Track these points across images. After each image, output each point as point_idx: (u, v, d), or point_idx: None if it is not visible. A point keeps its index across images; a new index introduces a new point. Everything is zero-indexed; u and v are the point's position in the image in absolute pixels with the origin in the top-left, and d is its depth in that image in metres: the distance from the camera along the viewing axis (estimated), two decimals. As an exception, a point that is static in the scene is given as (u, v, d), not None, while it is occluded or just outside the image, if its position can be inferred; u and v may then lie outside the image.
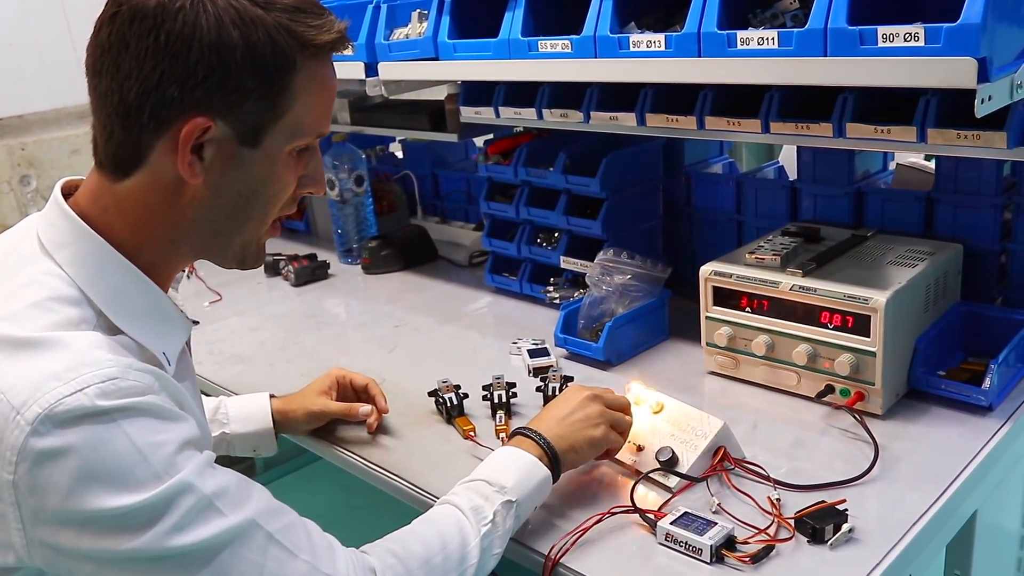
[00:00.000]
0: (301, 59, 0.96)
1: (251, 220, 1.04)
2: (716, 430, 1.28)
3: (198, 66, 0.91)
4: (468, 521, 1.09)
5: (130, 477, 0.85)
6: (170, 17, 0.90)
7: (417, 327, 1.99)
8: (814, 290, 1.42)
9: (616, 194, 1.87)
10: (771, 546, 1.11)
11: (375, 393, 1.53)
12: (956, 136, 1.28)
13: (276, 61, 0.94)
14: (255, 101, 0.95)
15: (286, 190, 1.05)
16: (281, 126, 0.98)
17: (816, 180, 1.80)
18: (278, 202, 1.05)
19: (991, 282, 1.61)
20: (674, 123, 1.57)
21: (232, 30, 0.91)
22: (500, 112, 1.87)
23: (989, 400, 1.37)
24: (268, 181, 1.02)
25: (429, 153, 2.68)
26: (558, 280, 2.00)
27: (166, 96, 0.92)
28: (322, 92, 1.01)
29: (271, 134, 0.98)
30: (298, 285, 2.34)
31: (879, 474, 1.26)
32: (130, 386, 0.87)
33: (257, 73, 0.93)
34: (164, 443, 0.88)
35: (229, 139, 0.96)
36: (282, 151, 1.01)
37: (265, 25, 0.93)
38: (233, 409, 1.50)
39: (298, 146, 1.02)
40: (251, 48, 0.92)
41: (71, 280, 0.95)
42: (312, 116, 1.01)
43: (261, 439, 1.50)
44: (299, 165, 1.04)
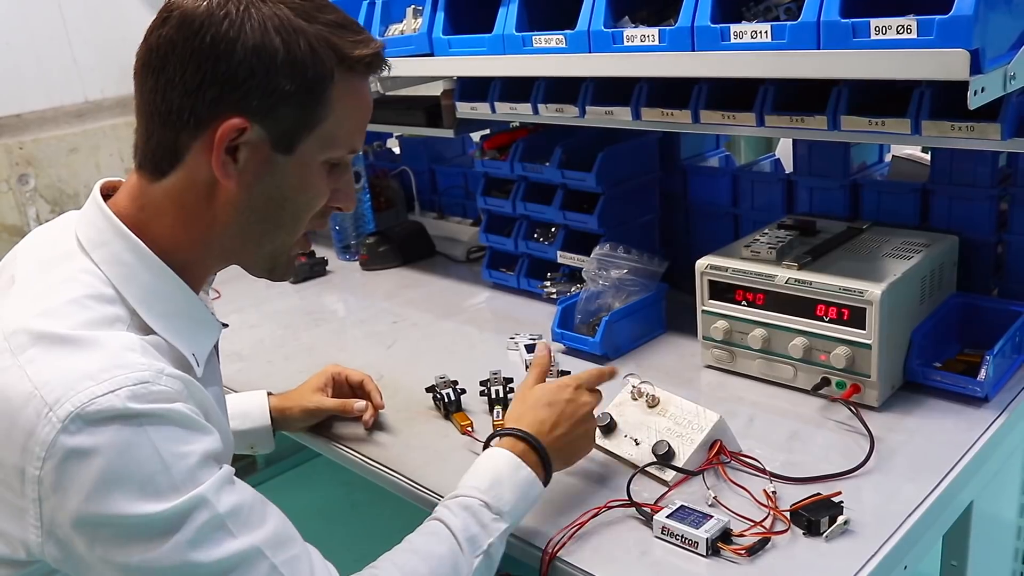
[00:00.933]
0: (339, 71, 0.98)
1: (282, 227, 1.06)
2: (712, 424, 1.29)
3: (239, 68, 0.94)
4: (462, 551, 1.06)
5: (150, 485, 0.86)
6: (216, 21, 0.93)
7: (415, 323, 1.99)
8: (810, 283, 1.43)
9: (612, 188, 1.87)
10: (767, 538, 1.12)
11: (370, 389, 1.54)
12: (950, 128, 1.28)
13: (315, 70, 0.96)
14: (291, 107, 0.97)
15: (318, 200, 1.06)
16: (315, 135, 1.00)
17: (812, 173, 1.80)
18: (309, 211, 1.06)
19: (987, 273, 1.62)
20: (669, 117, 1.57)
21: (275, 36, 0.94)
22: (496, 107, 1.87)
23: (985, 391, 1.37)
24: (300, 188, 1.03)
25: (426, 149, 2.68)
26: (555, 275, 2.01)
27: (207, 97, 0.94)
28: (357, 107, 1.03)
29: (305, 142, 1.00)
30: (296, 282, 2.34)
31: (875, 466, 1.26)
32: (161, 391, 0.88)
33: (295, 79, 0.96)
34: (187, 454, 0.88)
35: (264, 143, 0.98)
36: (315, 160, 1.02)
37: (306, 35, 0.96)
38: (230, 406, 1.48)
39: (331, 158, 1.04)
40: (291, 55, 0.95)
41: (107, 279, 0.97)
42: (345, 129, 1.03)
43: (258, 436, 1.51)
44: (331, 178, 1.06)
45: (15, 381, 0.86)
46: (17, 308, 0.93)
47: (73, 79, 2.83)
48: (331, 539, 2.82)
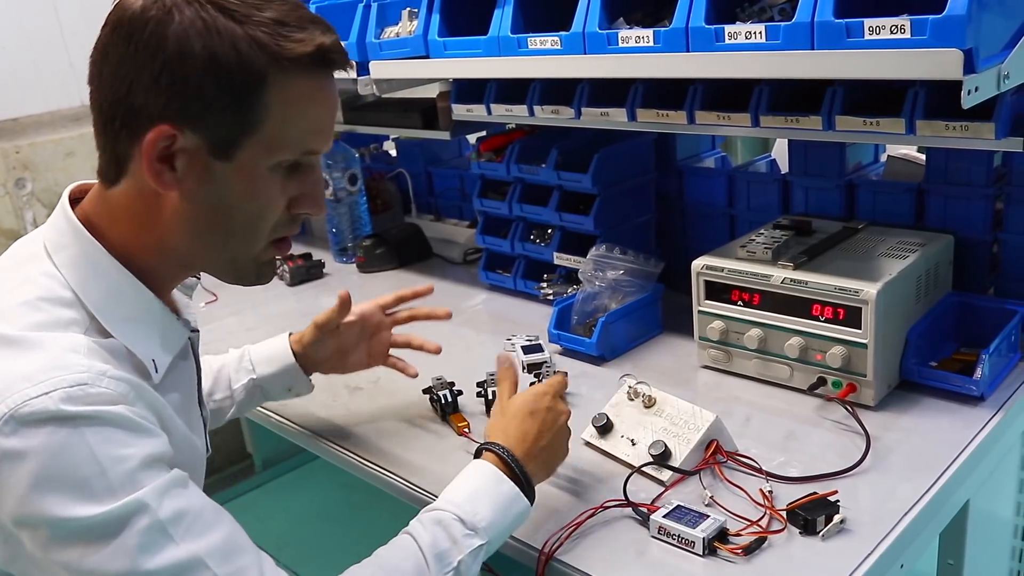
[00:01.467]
0: (272, 73, 0.94)
1: (235, 236, 1.02)
2: (708, 423, 1.29)
3: (161, 75, 0.91)
4: (428, 570, 1.02)
5: (86, 488, 0.85)
6: (141, 26, 0.91)
7: (412, 325, 1.98)
8: (805, 283, 1.43)
9: (608, 189, 1.87)
10: (763, 538, 1.12)
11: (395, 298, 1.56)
12: (944, 128, 1.28)
13: (242, 73, 0.92)
14: (221, 113, 0.93)
15: (270, 208, 1.02)
16: (255, 141, 0.96)
17: (807, 173, 1.80)
18: (263, 219, 1.02)
19: (982, 272, 1.62)
20: (665, 118, 1.58)
21: (196, 42, 0.91)
22: (492, 109, 1.87)
23: (981, 390, 1.38)
24: (247, 196, 1.00)
25: (422, 151, 2.68)
26: (551, 276, 2.01)
27: (134, 104, 0.93)
28: (305, 107, 0.99)
29: (245, 148, 0.96)
30: (293, 285, 2.35)
31: (871, 465, 1.26)
32: (99, 393, 0.87)
33: (220, 84, 0.92)
34: (126, 457, 0.87)
35: (200, 151, 0.95)
36: (260, 166, 0.98)
37: (234, 37, 0.92)
38: (256, 354, 1.51)
39: (279, 162, 1.00)
40: (214, 60, 0.91)
41: (65, 282, 0.97)
42: (295, 131, 0.99)
43: (291, 377, 1.50)
44: (288, 183, 1.02)
45: None
46: None
47: (69, 83, 2.82)
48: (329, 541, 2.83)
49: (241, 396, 1.49)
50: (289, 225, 1.06)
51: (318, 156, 1.05)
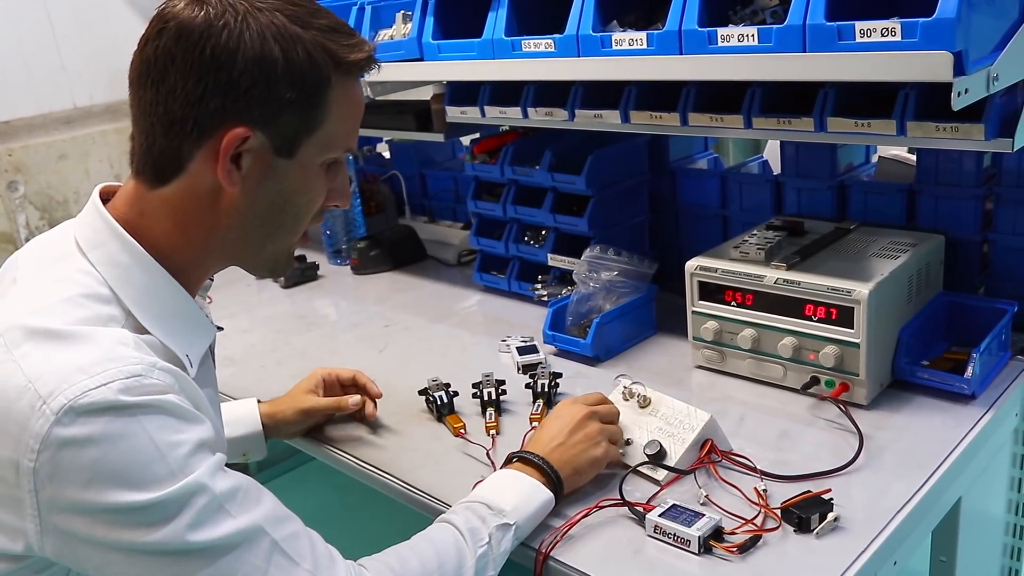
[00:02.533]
0: (336, 75, 1.01)
1: (283, 228, 1.09)
2: (703, 423, 1.30)
3: (241, 78, 0.96)
4: (465, 542, 1.10)
5: (147, 473, 0.87)
6: (215, 33, 0.95)
7: (407, 326, 2.00)
8: (798, 283, 1.44)
9: (602, 191, 1.88)
10: (758, 536, 1.13)
11: (363, 382, 1.56)
12: (935, 129, 1.29)
13: (313, 76, 0.99)
14: (292, 113, 1.00)
15: (317, 200, 1.09)
16: (315, 138, 1.03)
17: (800, 174, 1.81)
18: (309, 212, 1.09)
19: (973, 272, 1.63)
20: (658, 120, 1.58)
21: (274, 45, 0.96)
22: (486, 111, 1.87)
23: (972, 388, 1.39)
24: (300, 191, 1.06)
25: (416, 153, 2.69)
26: (546, 277, 2.02)
27: (209, 107, 0.96)
28: (353, 108, 1.06)
29: (305, 146, 1.03)
30: (288, 287, 2.35)
31: (864, 463, 1.28)
32: (152, 384, 0.90)
33: (295, 86, 0.98)
34: (181, 442, 0.90)
35: (266, 149, 1.00)
36: (315, 162, 1.05)
37: (303, 42, 0.98)
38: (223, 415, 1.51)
39: (329, 158, 1.07)
40: (290, 63, 0.97)
41: (103, 279, 0.99)
42: (342, 130, 1.06)
43: (250, 443, 1.52)
44: (328, 178, 1.09)
45: (9, 375, 0.88)
46: (13, 306, 0.95)
47: (62, 85, 2.83)
48: (324, 543, 2.80)
49: None
50: (319, 217, 1.13)
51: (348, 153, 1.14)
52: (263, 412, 1.52)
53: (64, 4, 2.80)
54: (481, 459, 1.38)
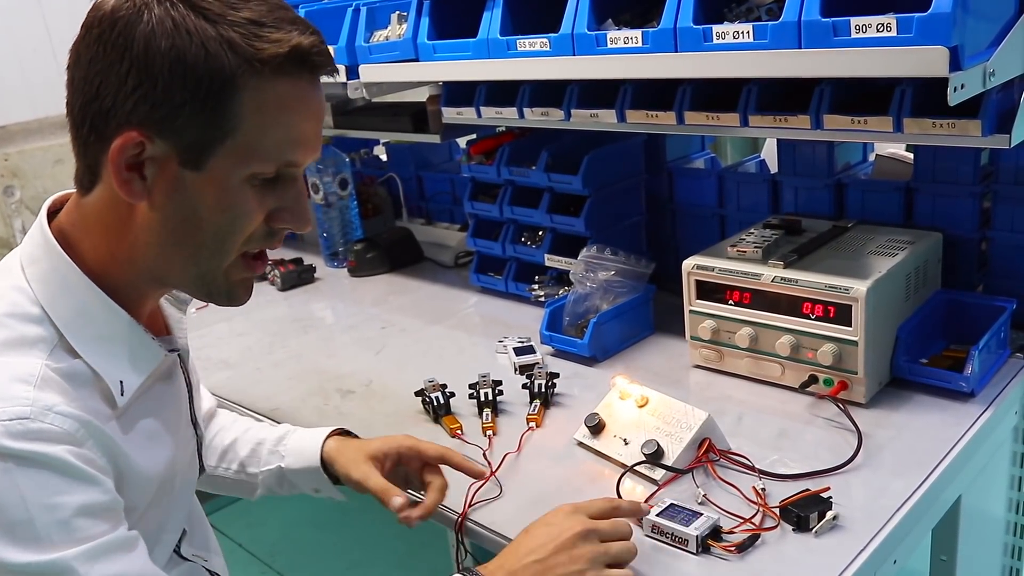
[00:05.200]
0: (244, 76, 0.88)
1: (204, 250, 0.96)
2: (701, 422, 1.29)
3: (128, 76, 0.86)
4: None
5: (11, 533, 0.80)
6: (111, 27, 0.87)
7: (404, 328, 1.99)
8: (795, 281, 1.43)
9: (599, 191, 1.88)
10: (756, 535, 1.12)
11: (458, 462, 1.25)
12: (931, 125, 1.29)
13: (211, 76, 0.87)
14: (189, 120, 0.88)
15: (244, 221, 0.95)
16: (227, 149, 0.90)
17: (797, 173, 1.81)
18: (236, 233, 0.95)
19: (971, 269, 1.63)
20: (654, 119, 1.58)
21: (162, 41, 0.85)
22: (482, 112, 1.87)
23: (971, 386, 1.38)
24: (218, 210, 0.93)
25: (413, 155, 2.68)
26: (543, 278, 2.01)
27: (103, 107, 0.88)
28: (282, 114, 0.92)
29: (216, 157, 0.90)
30: (285, 289, 2.34)
31: (863, 462, 1.27)
32: (41, 430, 0.83)
33: (187, 87, 0.86)
34: (58, 507, 0.82)
35: (170, 159, 0.90)
36: (232, 177, 0.92)
37: (204, 37, 0.86)
38: (295, 441, 1.35)
39: (256, 174, 0.93)
40: (181, 61, 0.86)
41: (35, 297, 0.93)
42: (270, 140, 0.92)
43: (317, 479, 1.31)
44: (266, 196, 0.95)
45: None
46: None
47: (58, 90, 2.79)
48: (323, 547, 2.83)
49: (269, 480, 1.35)
50: (267, 239, 0.99)
51: (300, 168, 0.98)
52: (327, 449, 1.30)
53: (61, 9, 2.80)
54: (478, 460, 1.37)
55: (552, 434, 1.45)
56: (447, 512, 1.27)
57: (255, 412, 1.62)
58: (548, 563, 1.03)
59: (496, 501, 1.28)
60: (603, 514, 1.11)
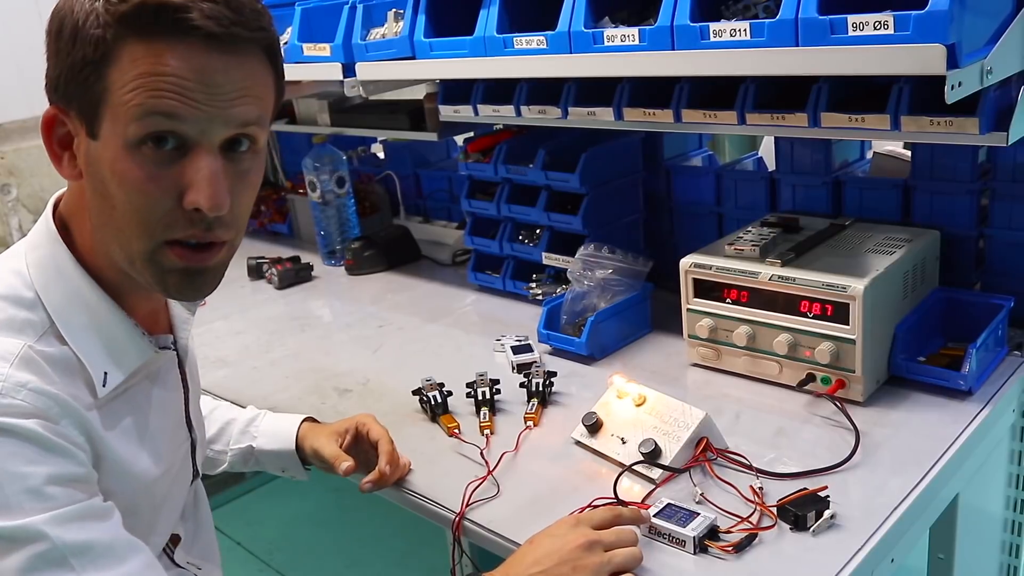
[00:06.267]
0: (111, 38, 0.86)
1: (124, 231, 0.92)
2: (698, 421, 1.29)
3: (47, 55, 0.91)
4: None
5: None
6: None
7: (401, 326, 1.99)
8: (793, 279, 1.43)
9: (596, 189, 1.87)
10: (754, 534, 1.12)
11: (382, 451, 1.32)
12: (929, 123, 1.28)
13: (84, 39, 0.86)
14: (77, 86, 0.88)
15: (140, 194, 0.89)
16: (109, 114, 0.88)
17: (794, 171, 1.80)
18: (140, 209, 0.90)
19: (969, 267, 1.62)
20: (651, 116, 1.58)
21: (57, 15, 0.90)
22: (479, 110, 1.87)
23: (969, 384, 1.38)
24: (115, 181, 0.89)
25: (410, 153, 2.68)
26: (540, 276, 2.01)
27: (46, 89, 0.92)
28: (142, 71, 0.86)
29: (104, 123, 0.88)
30: (282, 288, 2.34)
31: (860, 460, 1.27)
32: (10, 405, 0.85)
33: (72, 54, 0.88)
34: (28, 475, 0.83)
35: (81, 131, 0.91)
36: (117, 143, 0.88)
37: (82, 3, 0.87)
38: (267, 424, 1.45)
39: (131, 135, 0.87)
40: (63, 28, 0.88)
41: (31, 282, 0.95)
42: (133, 99, 0.86)
43: (287, 460, 1.41)
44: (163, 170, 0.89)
45: None
46: None
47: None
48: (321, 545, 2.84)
49: (236, 458, 1.44)
50: (184, 224, 0.92)
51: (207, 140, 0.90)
52: (300, 432, 1.41)
53: (55, 6, 2.79)
54: (475, 459, 1.37)
55: (550, 433, 1.45)
56: (443, 512, 1.27)
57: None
58: (551, 574, 1.03)
59: (494, 500, 1.28)
60: (606, 523, 1.11)
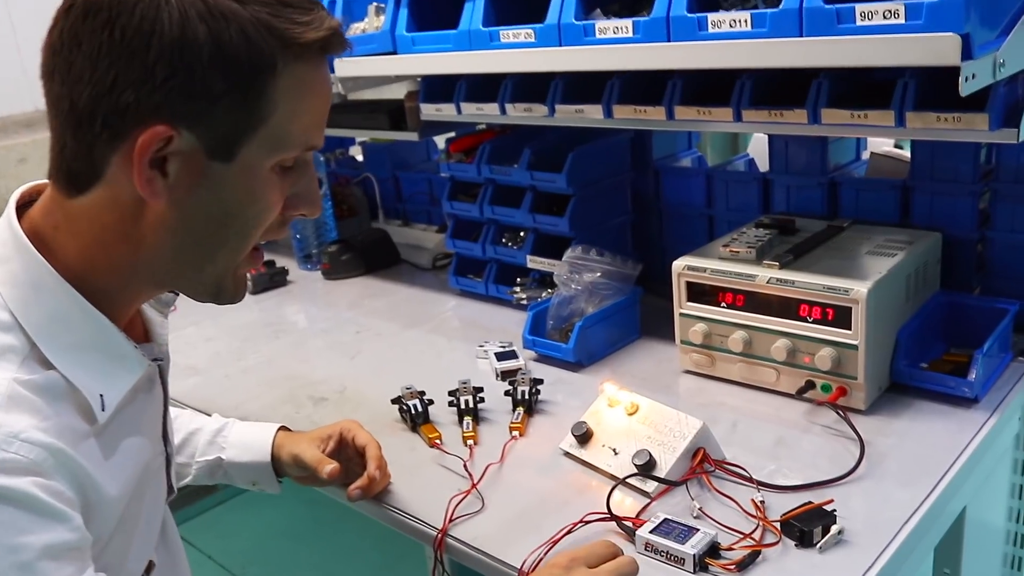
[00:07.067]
0: (283, 60, 0.83)
1: (225, 247, 0.91)
2: (695, 431, 1.22)
3: (157, 66, 0.79)
4: None
5: None
6: (127, 10, 0.79)
7: (380, 332, 1.92)
8: (792, 282, 1.37)
9: (583, 190, 1.81)
10: (757, 551, 1.05)
11: (370, 456, 1.27)
12: (936, 119, 1.23)
13: (252, 62, 0.82)
14: (226, 108, 0.82)
15: (269, 212, 0.91)
16: (260, 137, 0.85)
17: (789, 171, 1.75)
18: (259, 226, 0.91)
19: (969, 271, 1.57)
20: (642, 114, 1.52)
21: (199, 25, 0.79)
22: (462, 108, 1.81)
23: (975, 392, 1.33)
24: (247, 202, 0.88)
25: (390, 155, 2.61)
26: (525, 280, 1.94)
27: (120, 101, 0.80)
28: (310, 98, 0.88)
29: (248, 146, 0.85)
30: (256, 293, 2.26)
31: (866, 472, 1.20)
32: (6, 460, 0.76)
33: (228, 75, 0.81)
34: (21, 548, 0.75)
35: (197, 152, 0.83)
36: (263, 166, 0.87)
37: (240, 20, 0.80)
38: (236, 434, 1.35)
39: (283, 160, 0.89)
40: (221, 46, 0.80)
41: (3, 302, 0.85)
42: (298, 126, 0.87)
43: (259, 472, 1.33)
44: (285, 183, 0.91)
45: None
46: None
47: (22, 88, 2.75)
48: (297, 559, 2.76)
49: (202, 471, 1.34)
50: (278, 228, 0.95)
51: (312, 152, 0.94)
52: (276, 442, 1.33)
53: (26, 6, 2.72)
54: (458, 471, 1.30)
55: (536, 443, 1.38)
56: (425, 528, 1.19)
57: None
58: None
59: (478, 515, 1.20)
60: (602, 560, 1.03)
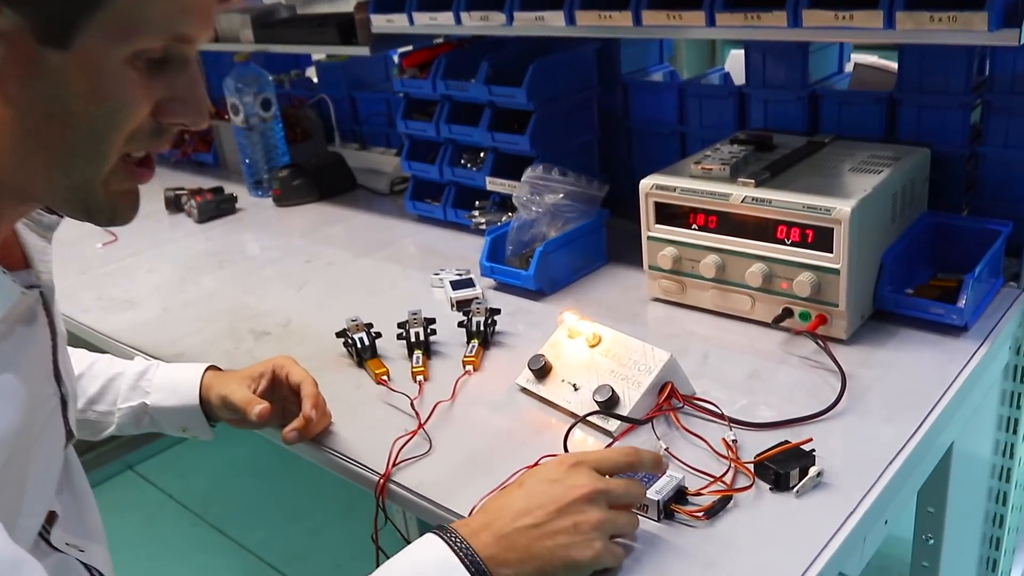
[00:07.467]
0: None
1: (76, 153, 0.77)
2: (662, 364, 1.11)
3: None
4: None
5: None
6: None
7: (331, 261, 1.79)
8: (768, 202, 1.26)
9: (545, 106, 1.68)
10: (728, 497, 0.95)
11: (305, 395, 1.16)
12: (929, 19, 1.12)
13: None
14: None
15: (125, 114, 0.77)
16: (101, 20, 0.71)
17: (767, 84, 1.62)
18: (115, 130, 0.77)
19: (959, 190, 1.46)
20: (607, 20, 1.40)
21: None
22: (414, 19, 1.68)
23: (964, 319, 1.23)
24: (93, 100, 0.75)
25: (345, 75, 2.46)
26: (484, 204, 1.82)
27: None
28: None
29: (87, 31, 0.71)
30: (202, 221, 2.12)
31: (847, 407, 1.10)
32: None
33: None
34: None
35: (24, 35, 0.70)
36: (110, 58, 0.73)
37: None
38: (161, 377, 1.25)
39: (139, 52, 0.75)
40: None
41: None
42: (155, 8, 0.73)
43: (188, 417, 1.23)
44: (153, 83, 0.77)
45: None
46: None
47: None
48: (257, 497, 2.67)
49: (126, 419, 1.24)
50: (153, 138, 0.80)
51: (194, 47, 0.79)
52: (205, 383, 1.22)
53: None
54: (405, 410, 1.19)
55: (491, 379, 1.27)
56: (367, 473, 1.09)
57: (158, 359, 1.42)
58: (547, 529, 0.84)
59: (425, 459, 1.10)
60: (616, 470, 0.92)
